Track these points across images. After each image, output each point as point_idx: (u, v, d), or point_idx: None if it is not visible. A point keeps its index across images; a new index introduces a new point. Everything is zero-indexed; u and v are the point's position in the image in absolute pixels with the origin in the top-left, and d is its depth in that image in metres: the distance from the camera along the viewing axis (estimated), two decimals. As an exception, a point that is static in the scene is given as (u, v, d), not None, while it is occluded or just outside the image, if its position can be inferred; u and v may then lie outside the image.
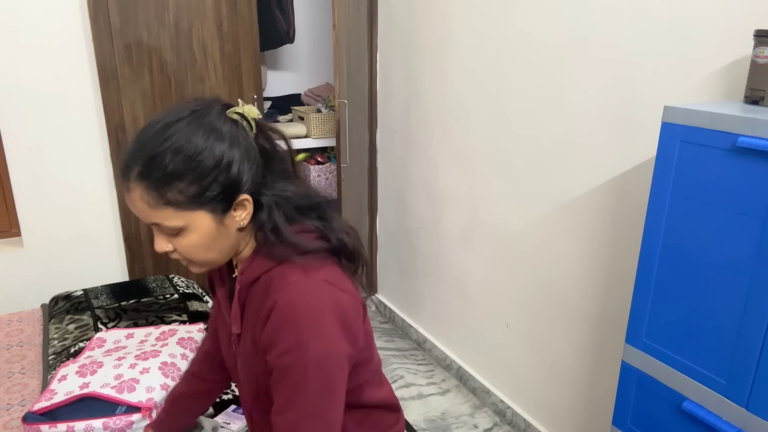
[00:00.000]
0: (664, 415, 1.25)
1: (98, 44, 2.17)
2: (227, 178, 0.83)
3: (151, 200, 0.81)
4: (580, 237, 1.77)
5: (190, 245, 0.86)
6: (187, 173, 0.81)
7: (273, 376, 0.86)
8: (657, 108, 1.40)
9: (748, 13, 1.24)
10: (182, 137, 0.81)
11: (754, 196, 1.01)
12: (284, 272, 0.87)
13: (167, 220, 0.83)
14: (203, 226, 0.84)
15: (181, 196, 0.81)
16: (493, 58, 2.00)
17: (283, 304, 0.84)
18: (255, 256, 0.91)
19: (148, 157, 0.81)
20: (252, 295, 0.92)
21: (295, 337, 0.83)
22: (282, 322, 0.84)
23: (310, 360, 0.83)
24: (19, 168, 2.22)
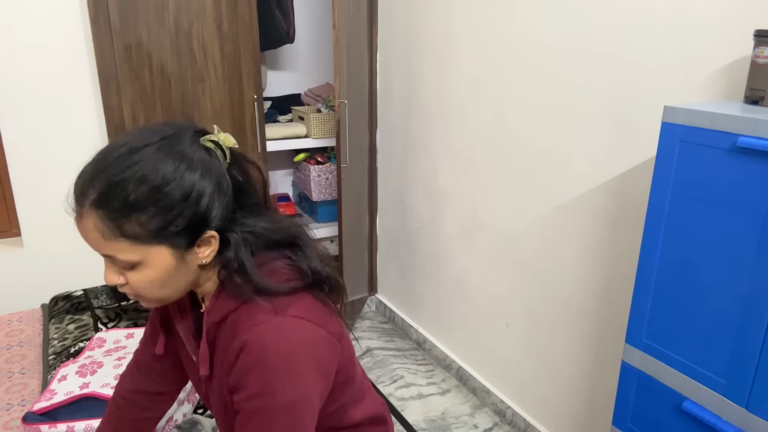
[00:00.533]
0: (664, 415, 1.25)
1: (98, 44, 2.17)
2: (195, 213, 0.76)
3: (106, 231, 0.74)
4: (580, 237, 1.77)
5: (143, 281, 0.78)
6: (150, 205, 0.73)
7: (238, 418, 0.81)
8: (657, 108, 1.40)
9: (748, 13, 1.24)
10: (149, 165, 0.74)
11: (754, 196, 1.01)
12: (251, 311, 0.81)
13: (121, 254, 0.75)
14: (161, 262, 0.77)
15: (140, 229, 0.74)
16: (494, 58, 2.00)
17: (252, 347, 0.78)
18: (219, 294, 0.85)
19: (108, 184, 0.73)
20: (220, 334, 0.86)
21: (263, 382, 0.78)
22: (250, 365, 0.78)
23: (277, 406, 0.78)
24: (19, 168, 2.22)
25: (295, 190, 3.40)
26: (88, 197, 0.74)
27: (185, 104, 2.37)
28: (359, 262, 2.93)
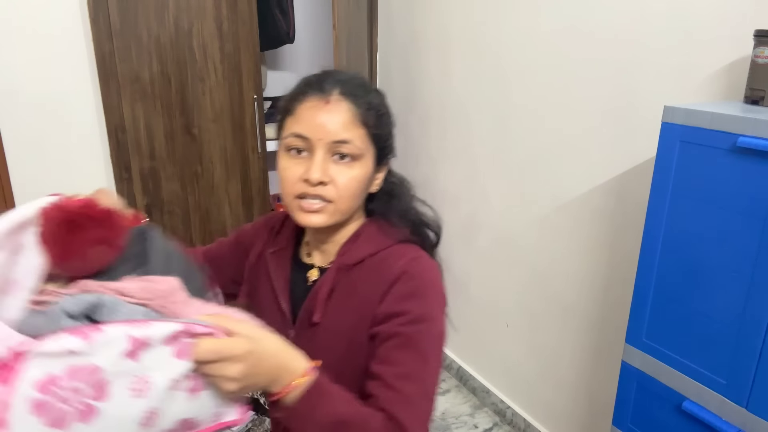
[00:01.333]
0: (664, 415, 1.25)
1: (98, 44, 2.16)
2: (392, 137, 0.90)
3: (357, 115, 0.83)
4: (580, 237, 1.77)
5: (355, 179, 0.84)
6: (384, 113, 0.88)
7: (387, 344, 0.81)
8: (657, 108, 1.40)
9: (748, 13, 1.24)
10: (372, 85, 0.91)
11: (754, 196, 1.01)
12: (399, 251, 0.88)
13: (358, 140, 0.83)
14: (369, 165, 0.86)
15: (373, 126, 0.85)
16: (493, 59, 2.00)
17: (417, 273, 0.85)
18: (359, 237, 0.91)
19: (362, 83, 0.87)
20: (350, 279, 0.89)
21: (426, 308, 0.83)
22: (414, 290, 0.83)
23: (435, 335, 0.83)
24: (19, 168, 2.22)
25: (295, 190, 3.40)
26: (341, 86, 0.84)
27: (185, 104, 2.37)
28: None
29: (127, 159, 2.33)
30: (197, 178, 2.49)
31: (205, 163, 2.48)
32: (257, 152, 2.59)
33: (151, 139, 2.35)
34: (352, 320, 0.87)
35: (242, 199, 2.62)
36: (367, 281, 0.87)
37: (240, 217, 2.63)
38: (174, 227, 2.49)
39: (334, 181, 0.83)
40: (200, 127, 2.43)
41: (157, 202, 2.43)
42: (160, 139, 2.37)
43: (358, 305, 0.86)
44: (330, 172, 0.82)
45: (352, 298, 0.88)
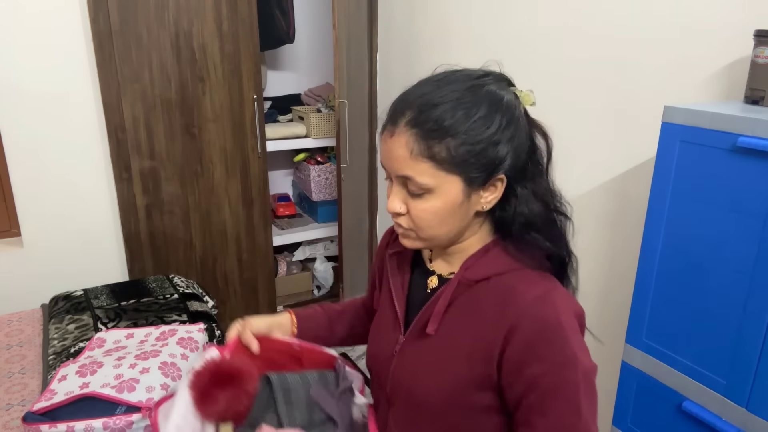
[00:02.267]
0: (664, 415, 1.25)
1: (98, 44, 2.16)
2: (495, 152, 0.77)
3: (416, 149, 0.76)
4: (579, 237, 1.77)
5: (427, 210, 0.79)
6: (461, 133, 0.75)
7: (530, 397, 0.77)
8: (657, 108, 1.39)
9: (748, 13, 1.24)
10: (466, 95, 0.77)
11: (754, 196, 1.01)
12: (529, 277, 0.81)
13: (421, 176, 0.76)
14: (451, 194, 0.78)
15: (446, 153, 0.76)
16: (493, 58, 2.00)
17: (546, 315, 0.76)
18: (488, 252, 0.84)
19: (427, 105, 0.76)
20: (472, 295, 0.83)
21: (565, 353, 0.75)
22: (546, 336, 0.76)
23: (580, 378, 0.75)
24: (19, 168, 2.22)
25: (295, 190, 3.40)
26: (405, 116, 0.77)
27: (185, 104, 2.37)
28: (359, 262, 2.93)
29: (127, 159, 2.33)
30: (197, 178, 2.49)
31: (205, 163, 2.48)
32: (257, 152, 2.59)
33: (151, 139, 2.35)
34: (468, 340, 0.82)
35: (242, 199, 2.62)
36: (489, 302, 0.81)
37: (240, 217, 2.63)
38: (174, 227, 2.49)
39: (409, 213, 0.81)
40: (200, 127, 2.43)
41: (157, 202, 2.43)
42: (160, 139, 2.37)
43: (477, 325, 0.81)
44: (407, 202, 0.80)
45: (471, 317, 0.82)
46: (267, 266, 2.78)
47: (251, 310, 2.79)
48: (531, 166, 0.84)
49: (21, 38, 2.11)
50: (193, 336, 1.61)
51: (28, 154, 2.22)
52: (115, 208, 2.39)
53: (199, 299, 2.10)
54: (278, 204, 3.19)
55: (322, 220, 3.15)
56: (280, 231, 3.01)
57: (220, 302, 2.66)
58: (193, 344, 1.57)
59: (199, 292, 2.19)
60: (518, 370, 0.77)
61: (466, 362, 0.81)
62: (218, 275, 2.66)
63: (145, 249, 2.46)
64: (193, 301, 2.05)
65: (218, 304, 2.60)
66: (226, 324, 2.76)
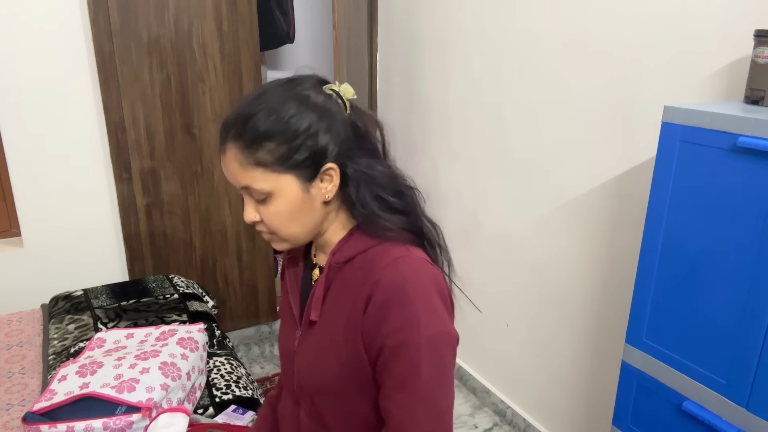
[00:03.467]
0: (664, 415, 1.25)
1: (98, 44, 2.16)
2: (315, 144, 0.83)
3: (243, 160, 0.82)
4: (580, 237, 1.77)
5: (275, 213, 0.85)
6: (277, 134, 0.82)
7: (380, 359, 0.82)
8: (657, 108, 1.40)
9: (748, 13, 1.24)
10: (275, 101, 0.83)
11: (754, 196, 1.01)
12: (386, 249, 0.86)
13: (256, 182, 0.83)
14: (290, 192, 0.84)
15: (270, 156, 0.82)
16: (493, 58, 2.00)
17: (391, 280, 0.81)
18: (352, 235, 0.90)
19: (244, 118, 0.83)
20: (342, 277, 0.89)
21: (406, 315, 0.80)
22: (390, 298, 0.81)
23: (422, 339, 0.79)
24: (19, 168, 2.22)
25: (295, 190, 3.40)
26: (229, 132, 0.84)
27: (185, 104, 2.37)
28: (359, 262, 2.93)
29: (127, 159, 2.33)
30: (197, 178, 2.48)
31: (205, 163, 2.48)
32: (257, 152, 2.58)
33: (151, 139, 2.35)
34: (343, 320, 0.86)
35: (242, 198, 2.61)
36: (355, 279, 0.86)
37: (240, 217, 2.63)
38: (174, 227, 2.49)
39: (262, 219, 0.87)
40: (200, 127, 2.43)
41: (157, 202, 2.43)
42: (160, 139, 2.37)
43: (348, 304, 0.86)
44: (258, 209, 0.86)
45: (343, 297, 0.87)
46: (267, 266, 2.78)
47: (251, 310, 2.79)
48: (360, 150, 0.88)
49: (21, 38, 2.11)
50: (193, 336, 1.61)
51: (28, 154, 2.22)
52: (115, 207, 2.39)
53: (199, 299, 2.10)
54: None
55: (322, 220, 3.14)
56: (280, 231, 3.01)
57: (220, 302, 2.66)
58: (193, 344, 1.57)
59: (199, 292, 2.19)
60: (372, 335, 0.82)
61: (345, 342, 0.85)
62: (218, 275, 2.66)
63: (145, 249, 2.46)
64: (193, 301, 2.05)
65: (218, 304, 2.60)
66: (226, 324, 2.77)
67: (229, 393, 1.59)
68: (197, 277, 2.59)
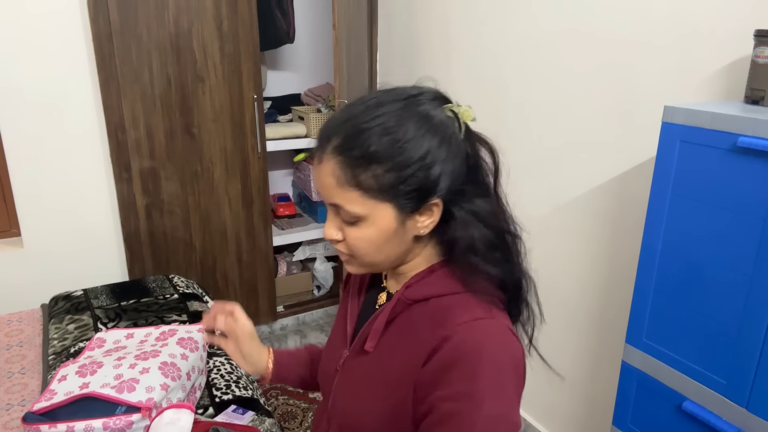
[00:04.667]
0: (664, 415, 1.25)
1: (98, 44, 2.16)
2: (426, 176, 0.73)
3: (342, 178, 0.73)
4: (580, 237, 1.77)
5: (362, 239, 0.76)
6: (387, 159, 0.72)
7: (427, 420, 0.73)
8: (657, 108, 1.40)
9: (748, 13, 1.24)
10: (393, 119, 0.73)
11: (754, 196, 1.01)
12: (466, 303, 0.76)
13: (350, 204, 0.74)
14: (384, 221, 0.75)
15: (374, 181, 0.72)
16: (493, 58, 2.00)
17: (465, 343, 0.72)
18: (432, 272, 0.81)
19: (353, 131, 0.73)
20: (410, 315, 0.80)
21: (471, 386, 0.70)
22: (458, 361, 0.71)
23: (481, 418, 0.69)
24: (19, 168, 2.22)
25: (295, 190, 3.40)
26: (331, 142, 0.74)
27: (185, 104, 2.37)
28: (359, 262, 2.93)
29: (127, 159, 2.33)
30: (197, 178, 2.48)
31: (205, 163, 2.48)
32: (257, 152, 2.59)
33: (151, 139, 2.35)
34: (400, 361, 0.78)
35: (242, 199, 2.62)
36: (423, 324, 0.78)
37: (240, 217, 2.63)
38: (174, 227, 2.49)
39: (345, 240, 0.78)
40: (200, 127, 2.43)
41: (157, 202, 2.43)
42: (160, 139, 2.37)
43: (409, 347, 0.78)
44: (342, 228, 0.78)
45: (405, 337, 0.79)
46: (267, 266, 2.78)
47: (251, 310, 2.79)
48: (471, 186, 0.79)
49: (21, 38, 2.11)
50: (193, 336, 1.61)
51: (28, 154, 2.22)
52: (115, 208, 2.39)
53: (199, 299, 2.10)
54: (278, 204, 3.19)
55: (322, 220, 3.15)
56: (280, 231, 3.01)
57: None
58: (193, 344, 1.57)
59: (199, 292, 2.19)
60: (426, 391, 0.74)
61: (394, 386, 0.78)
62: (218, 275, 2.66)
63: (145, 249, 2.46)
64: (193, 301, 2.05)
65: (218, 304, 2.60)
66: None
67: (229, 393, 1.59)
68: (197, 277, 2.59)
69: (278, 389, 2.45)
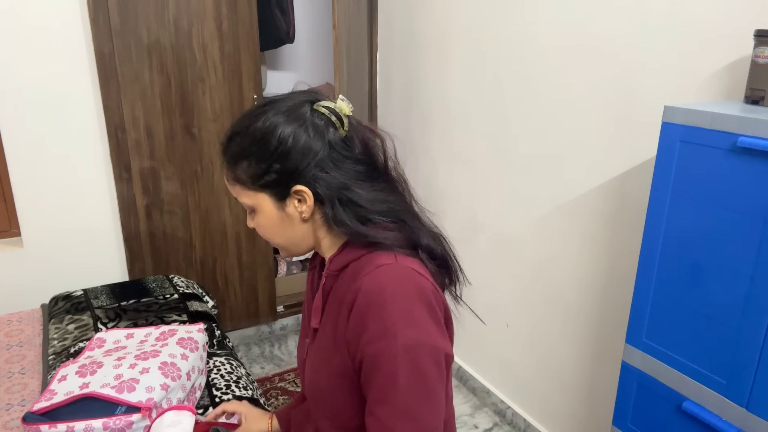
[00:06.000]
0: (664, 415, 1.25)
1: (98, 44, 2.16)
2: (283, 166, 0.84)
3: (228, 175, 0.88)
4: (580, 237, 1.77)
5: (259, 225, 0.90)
6: (250, 154, 0.85)
7: (363, 370, 0.80)
8: (657, 108, 1.40)
9: (748, 13, 1.24)
10: (258, 120, 0.85)
11: (754, 196, 1.01)
12: (373, 258, 0.84)
13: (240, 197, 0.89)
14: (267, 209, 0.88)
15: (244, 174, 0.86)
16: (493, 59, 2.00)
17: (369, 287, 0.79)
18: (345, 247, 0.89)
19: (229, 136, 0.88)
20: (337, 285, 0.88)
21: (383, 323, 0.77)
22: (368, 306, 0.79)
23: (399, 350, 0.76)
24: (19, 168, 2.22)
25: (295, 190, 3.40)
26: (222, 148, 0.90)
27: (185, 104, 2.37)
28: (359, 262, 2.93)
29: (127, 159, 2.33)
30: (197, 178, 2.48)
31: (205, 163, 2.48)
32: (257, 152, 2.58)
33: (151, 139, 2.35)
34: (334, 327, 0.86)
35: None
36: (345, 287, 0.86)
37: (240, 217, 2.63)
38: (174, 227, 2.49)
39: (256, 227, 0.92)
40: (200, 127, 2.43)
41: (157, 202, 2.43)
42: (160, 139, 2.37)
43: (338, 311, 0.86)
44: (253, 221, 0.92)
45: (337, 305, 0.87)
46: (267, 266, 2.78)
47: (251, 310, 2.79)
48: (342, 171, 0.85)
49: (21, 38, 2.11)
50: (193, 336, 1.61)
51: (28, 154, 2.22)
52: (115, 207, 2.39)
53: (199, 299, 2.10)
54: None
55: (322, 220, 3.14)
56: (280, 231, 3.01)
57: (220, 302, 2.66)
58: (193, 344, 1.57)
59: (199, 292, 2.19)
60: (355, 344, 0.81)
61: (335, 349, 0.85)
62: (218, 275, 2.66)
63: (145, 249, 2.46)
64: (193, 301, 2.05)
65: (218, 304, 2.60)
66: (226, 324, 2.77)
67: (229, 393, 1.59)
68: (197, 277, 2.59)
69: (278, 389, 2.45)
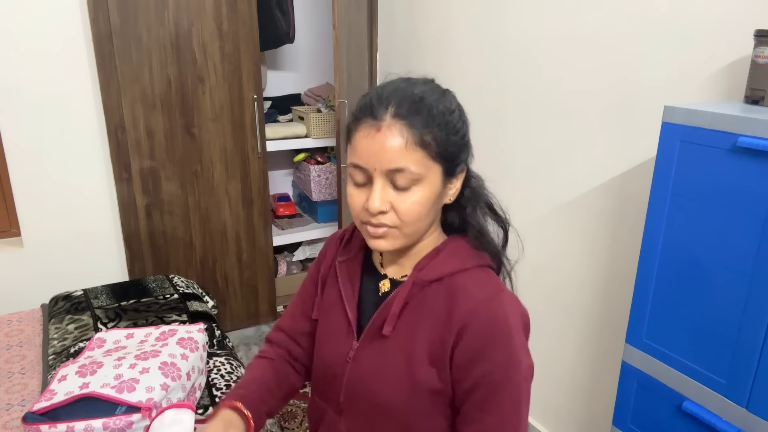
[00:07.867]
0: (664, 415, 1.25)
1: (98, 44, 2.17)
2: (463, 143, 0.84)
3: (411, 139, 0.77)
4: (580, 237, 1.77)
5: (416, 202, 0.80)
6: (444, 123, 0.80)
7: (477, 394, 0.82)
8: (657, 108, 1.40)
9: (748, 13, 1.24)
10: (437, 93, 0.82)
11: (754, 196, 1.01)
12: (479, 279, 0.85)
13: (415, 165, 0.77)
14: (435, 183, 0.81)
15: (434, 142, 0.79)
16: (493, 58, 2.00)
17: (494, 316, 0.81)
18: (438, 254, 0.87)
19: (413, 99, 0.79)
20: (423, 296, 0.86)
21: (509, 352, 0.81)
22: (493, 335, 0.81)
23: (522, 378, 0.81)
24: (19, 168, 2.22)
25: (295, 190, 3.40)
26: (389, 109, 0.78)
27: (185, 104, 2.37)
28: (359, 262, 2.93)
29: (127, 159, 2.33)
30: (197, 178, 2.49)
31: (205, 163, 2.48)
32: (257, 152, 2.59)
33: (151, 139, 2.35)
34: (424, 340, 0.85)
35: (242, 199, 2.62)
36: (443, 303, 0.84)
37: (240, 217, 2.63)
38: (174, 227, 2.49)
39: (394, 208, 0.80)
40: (200, 127, 2.43)
41: (157, 202, 2.43)
42: (160, 139, 2.37)
43: (431, 325, 0.84)
44: (390, 198, 0.80)
45: (425, 317, 0.85)
46: (267, 266, 2.78)
47: (251, 310, 2.79)
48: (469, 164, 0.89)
49: (21, 38, 2.11)
50: (193, 336, 1.61)
51: (28, 154, 2.23)
52: (115, 207, 2.39)
53: (199, 299, 2.10)
54: (278, 204, 3.19)
55: (322, 220, 3.15)
56: (280, 231, 3.01)
57: (220, 302, 2.66)
58: (193, 344, 1.57)
59: (199, 292, 2.19)
60: (468, 368, 0.82)
61: (423, 362, 0.84)
62: (218, 275, 2.66)
63: (145, 249, 2.46)
64: (193, 301, 2.05)
65: (218, 304, 2.60)
66: (226, 324, 2.77)
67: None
68: (197, 277, 2.59)
69: (278, 389, 2.44)
